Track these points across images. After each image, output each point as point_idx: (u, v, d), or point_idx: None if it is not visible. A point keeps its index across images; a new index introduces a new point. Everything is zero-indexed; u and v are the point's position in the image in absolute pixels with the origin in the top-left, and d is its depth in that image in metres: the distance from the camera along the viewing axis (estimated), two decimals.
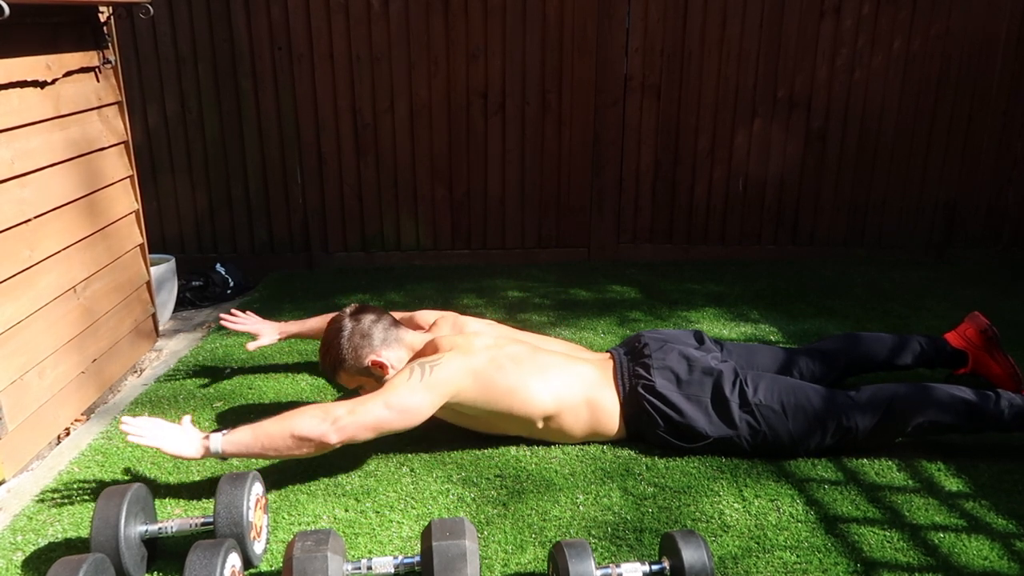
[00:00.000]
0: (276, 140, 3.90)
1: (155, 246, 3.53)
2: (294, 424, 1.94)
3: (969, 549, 1.79)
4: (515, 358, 2.17)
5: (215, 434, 1.94)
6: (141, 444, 1.91)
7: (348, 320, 2.26)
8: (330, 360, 2.27)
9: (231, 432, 1.95)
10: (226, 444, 1.93)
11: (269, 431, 1.94)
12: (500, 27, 3.81)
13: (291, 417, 1.95)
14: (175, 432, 1.96)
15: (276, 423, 1.95)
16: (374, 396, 2.02)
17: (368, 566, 1.64)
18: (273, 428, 1.94)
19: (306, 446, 1.94)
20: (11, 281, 2.18)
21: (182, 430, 1.97)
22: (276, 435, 1.93)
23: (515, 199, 4.05)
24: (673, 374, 2.19)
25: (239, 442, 1.94)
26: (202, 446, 1.93)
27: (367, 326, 2.25)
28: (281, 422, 1.95)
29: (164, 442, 1.92)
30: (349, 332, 2.24)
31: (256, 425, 1.96)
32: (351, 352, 2.23)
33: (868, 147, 3.96)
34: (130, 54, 3.70)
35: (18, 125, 2.23)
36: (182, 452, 1.93)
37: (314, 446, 1.95)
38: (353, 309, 2.31)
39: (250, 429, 1.95)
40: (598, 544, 1.83)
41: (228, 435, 1.94)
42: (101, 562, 1.57)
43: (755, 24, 3.81)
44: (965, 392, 2.12)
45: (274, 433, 1.94)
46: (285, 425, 1.94)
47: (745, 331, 3.10)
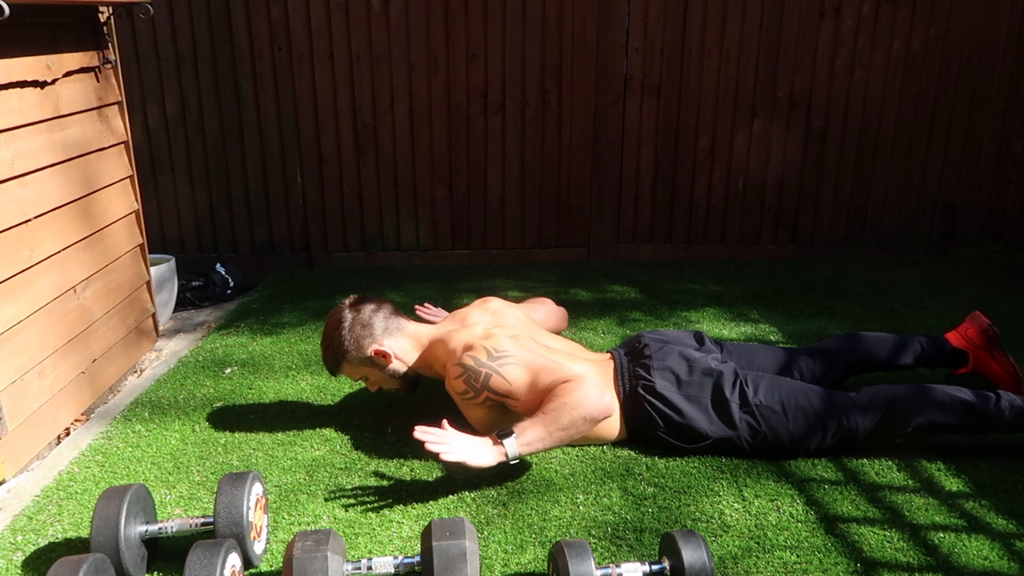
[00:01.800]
0: (276, 140, 3.90)
1: (155, 246, 3.53)
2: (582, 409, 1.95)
3: (969, 549, 1.79)
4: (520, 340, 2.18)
5: (507, 439, 1.93)
6: (448, 460, 1.89)
7: (348, 311, 2.25)
8: (332, 353, 2.26)
9: (521, 433, 1.94)
10: (522, 446, 1.93)
11: (562, 423, 1.94)
12: (500, 27, 3.81)
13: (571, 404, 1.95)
14: (474, 444, 1.94)
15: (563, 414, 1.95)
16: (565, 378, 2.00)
17: (368, 566, 1.64)
18: (565, 419, 1.95)
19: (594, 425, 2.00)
20: (11, 281, 2.18)
21: (473, 439, 1.96)
22: (570, 425, 1.95)
23: (515, 199, 4.05)
24: (673, 375, 2.18)
25: (532, 441, 1.94)
26: (499, 452, 1.92)
27: (367, 316, 2.24)
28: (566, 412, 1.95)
29: (470, 455, 1.90)
30: (350, 323, 2.23)
31: (541, 419, 1.95)
32: (353, 343, 2.22)
33: (868, 147, 3.96)
34: (130, 54, 3.70)
35: (18, 125, 2.23)
36: (484, 462, 1.91)
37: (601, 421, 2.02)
38: (352, 300, 2.30)
39: (541, 425, 1.95)
40: (598, 544, 1.83)
41: (521, 437, 1.93)
42: (101, 562, 1.57)
43: (755, 24, 3.81)
44: (965, 393, 2.11)
45: (567, 424, 1.95)
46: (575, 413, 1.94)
47: (745, 331, 3.10)
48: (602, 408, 1.98)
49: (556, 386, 1.99)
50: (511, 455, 1.92)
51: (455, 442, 1.92)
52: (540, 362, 2.08)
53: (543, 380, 2.03)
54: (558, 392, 1.98)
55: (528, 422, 1.97)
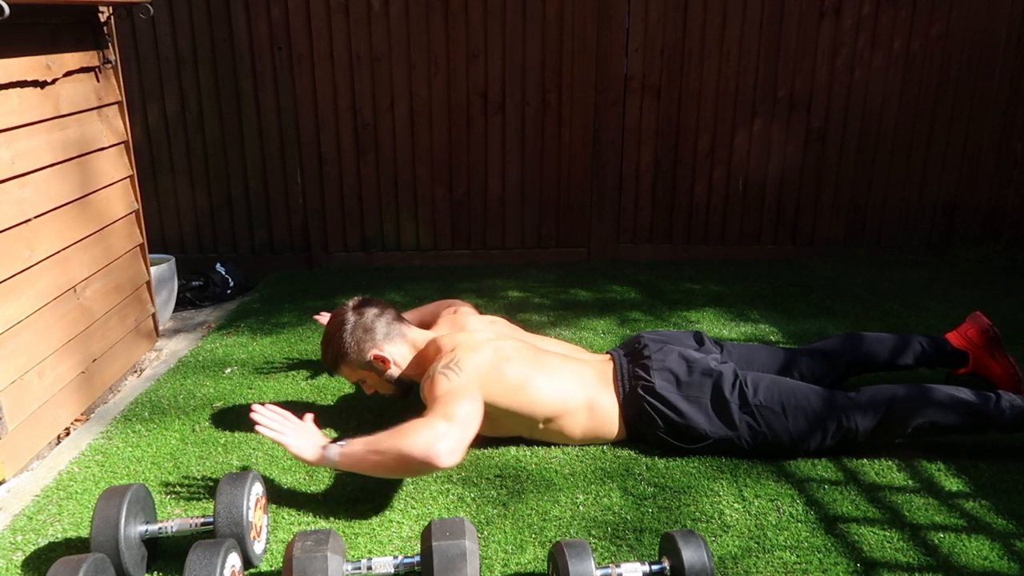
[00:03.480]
0: (276, 140, 3.90)
1: (155, 246, 3.54)
2: (403, 444, 1.84)
3: (969, 549, 1.79)
4: (517, 351, 2.17)
5: (332, 444, 1.91)
6: (267, 436, 1.89)
7: (351, 313, 2.25)
8: (332, 353, 2.26)
9: (348, 444, 1.91)
10: (341, 456, 1.89)
11: (380, 448, 1.87)
12: (500, 27, 3.81)
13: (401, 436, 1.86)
14: (300, 430, 1.94)
15: (388, 440, 1.87)
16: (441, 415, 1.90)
17: (368, 566, 1.64)
18: (384, 445, 1.87)
19: (413, 468, 1.87)
20: (11, 281, 2.18)
21: (306, 430, 1.95)
22: (386, 452, 1.86)
23: (515, 199, 4.05)
24: (673, 375, 2.18)
25: (351, 454, 1.89)
26: (320, 453, 1.90)
27: (370, 320, 2.24)
28: (391, 440, 1.86)
29: (289, 439, 1.90)
30: (352, 325, 2.23)
31: (370, 439, 1.90)
32: (354, 346, 2.22)
33: (868, 147, 3.96)
34: (130, 54, 3.70)
35: (18, 125, 2.23)
36: (302, 453, 1.90)
37: (422, 468, 1.86)
38: (356, 302, 2.29)
39: (364, 443, 1.90)
40: (598, 544, 1.83)
41: (344, 447, 1.90)
42: (101, 562, 1.57)
43: (755, 24, 3.81)
44: (965, 393, 2.11)
45: (384, 450, 1.86)
46: (394, 443, 1.85)
47: (745, 331, 3.10)
48: (424, 454, 1.80)
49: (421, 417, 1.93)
50: (329, 458, 1.89)
51: (283, 426, 1.92)
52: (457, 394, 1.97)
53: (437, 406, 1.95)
54: (405, 424, 1.91)
55: (361, 438, 1.92)
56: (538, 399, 2.13)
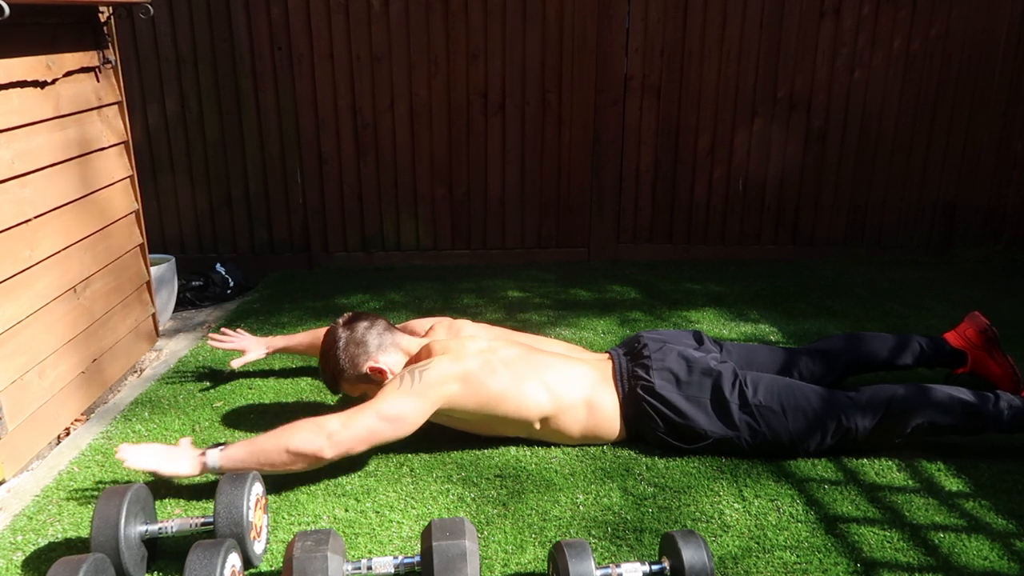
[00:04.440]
0: (276, 140, 3.90)
1: (155, 246, 3.53)
2: (289, 439, 1.94)
3: (969, 549, 1.79)
4: (509, 361, 2.17)
5: (212, 450, 1.95)
6: (135, 468, 1.91)
7: (342, 330, 2.26)
8: (329, 371, 2.28)
9: (228, 448, 1.95)
10: (223, 460, 1.93)
11: (264, 446, 1.94)
12: (500, 27, 3.81)
13: (286, 432, 1.96)
14: (168, 453, 1.96)
15: (271, 438, 1.96)
16: (366, 407, 2.02)
17: (368, 566, 1.64)
18: (268, 443, 1.95)
19: (301, 461, 1.95)
20: (11, 281, 2.18)
21: (176, 450, 1.98)
22: (271, 450, 1.93)
23: (515, 199, 4.05)
24: (672, 375, 2.19)
25: (235, 457, 1.93)
26: (199, 462, 1.94)
27: (361, 334, 2.25)
28: (276, 437, 1.95)
29: (158, 463, 1.93)
30: (344, 342, 2.24)
31: (252, 440, 1.97)
32: (348, 361, 2.23)
33: (868, 147, 3.96)
34: (130, 54, 3.70)
35: (18, 125, 2.23)
36: (179, 471, 1.94)
37: (309, 461, 1.95)
38: (346, 319, 2.31)
39: (246, 444, 1.96)
40: (598, 544, 1.83)
41: (225, 451, 1.94)
42: (101, 562, 1.57)
43: (755, 24, 3.81)
44: (964, 393, 2.11)
45: (269, 448, 1.94)
46: (280, 440, 1.94)
47: (745, 331, 3.10)
48: (310, 449, 1.92)
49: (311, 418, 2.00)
50: (211, 465, 1.92)
51: (139, 452, 1.93)
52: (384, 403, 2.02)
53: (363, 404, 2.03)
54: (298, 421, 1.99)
55: (240, 441, 1.97)
56: (528, 404, 2.14)
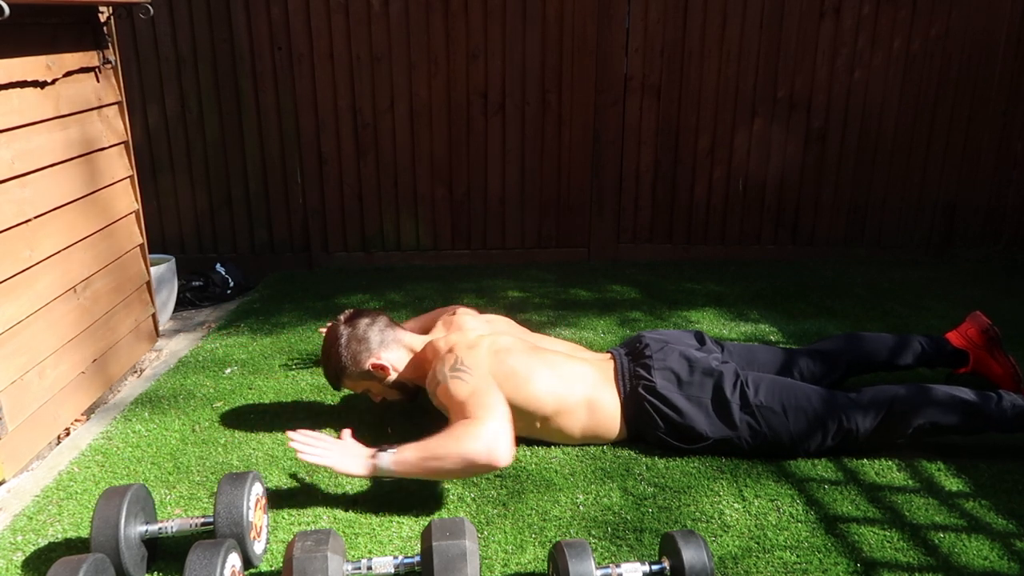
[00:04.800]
0: (276, 140, 3.90)
1: (155, 246, 3.53)
2: (462, 447, 1.86)
3: (969, 549, 1.79)
4: (514, 345, 2.18)
5: (383, 452, 1.90)
6: (310, 462, 1.88)
7: (343, 327, 2.26)
8: (331, 369, 2.28)
9: (399, 451, 1.90)
10: (395, 464, 1.89)
11: (437, 453, 1.88)
12: (500, 27, 3.81)
13: (457, 439, 1.88)
14: (342, 449, 1.93)
15: (443, 444, 1.88)
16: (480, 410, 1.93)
17: (368, 566, 1.64)
18: (442, 450, 1.88)
19: (474, 469, 1.89)
20: (11, 281, 2.18)
21: (349, 446, 1.95)
22: (445, 457, 1.87)
23: (515, 199, 4.05)
24: (674, 375, 2.18)
25: (406, 461, 1.89)
26: (371, 464, 1.90)
27: (362, 331, 2.25)
28: (448, 443, 1.88)
29: (334, 460, 1.89)
30: (346, 339, 2.24)
31: (422, 445, 1.90)
32: (350, 359, 2.23)
33: (868, 147, 3.96)
34: (130, 54, 3.70)
35: (18, 125, 2.23)
36: (351, 470, 1.90)
37: (482, 469, 1.89)
38: (347, 316, 2.30)
39: (417, 449, 1.90)
40: (598, 544, 1.83)
41: (397, 455, 1.89)
42: (101, 562, 1.57)
43: (755, 24, 3.81)
44: (966, 393, 2.11)
45: (443, 455, 1.87)
46: (452, 448, 1.87)
47: (745, 331, 3.10)
48: (487, 456, 1.85)
49: (466, 419, 1.93)
50: (381, 467, 1.89)
51: (321, 446, 1.91)
52: (483, 392, 1.99)
53: (469, 408, 1.96)
54: (456, 425, 1.92)
55: (413, 443, 1.92)
56: (538, 393, 2.13)
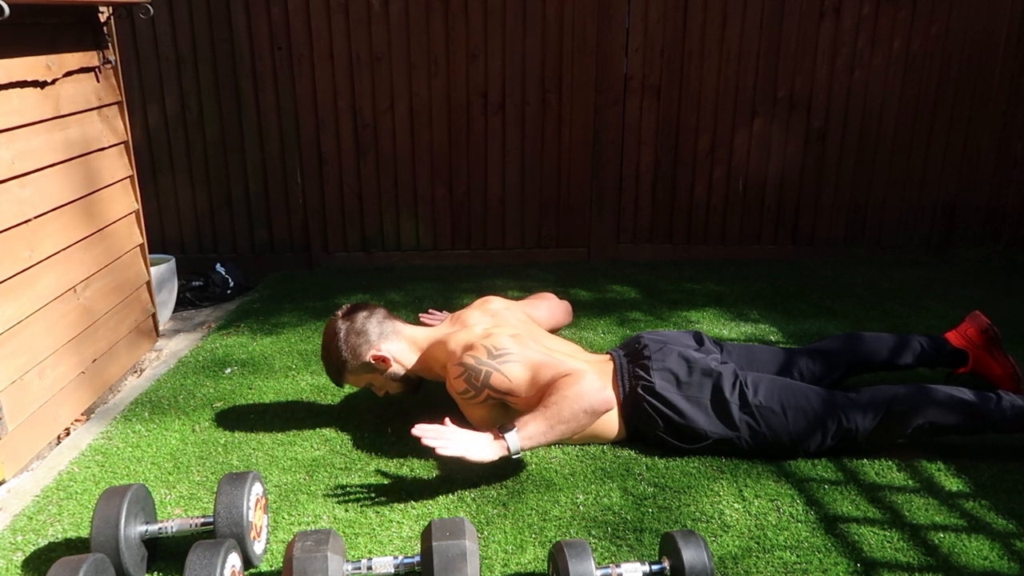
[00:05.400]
0: (276, 140, 3.90)
1: (155, 246, 3.53)
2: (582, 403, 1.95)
3: (969, 549, 1.79)
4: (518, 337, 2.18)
5: (508, 433, 1.94)
6: (446, 454, 1.89)
7: (341, 322, 2.27)
8: (332, 365, 2.28)
9: (523, 427, 1.95)
10: (524, 439, 1.94)
11: (563, 416, 1.95)
12: (500, 27, 3.81)
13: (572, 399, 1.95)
14: (472, 437, 1.95)
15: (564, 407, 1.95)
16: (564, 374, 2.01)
17: (368, 566, 1.64)
18: (566, 412, 1.95)
19: (596, 418, 2.01)
20: (11, 281, 2.18)
21: (474, 434, 1.97)
22: (570, 419, 1.96)
23: (515, 199, 4.05)
24: (673, 375, 2.19)
25: (533, 434, 1.95)
26: (502, 447, 1.93)
27: (360, 323, 2.25)
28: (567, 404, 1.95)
29: (469, 448, 1.92)
30: (345, 333, 2.24)
31: (542, 413, 1.96)
32: (350, 352, 2.23)
33: (868, 147, 3.96)
34: (130, 54, 3.70)
35: (18, 125, 2.23)
36: (485, 456, 1.92)
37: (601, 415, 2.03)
38: (345, 310, 2.31)
39: (538, 419, 1.96)
40: (598, 544, 1.83)
41: (522, 431, 1.94)
42: (101, 562, 1.57)
43: (755, 24, 3.81)
44: (965, 393, 2.11)
45: (568, 417, 1.96)
46: (575, 406, 1.95)
47: (745, 331, 3.10)
48: (603, 400, 1.99)
49: (556, 380, 2.00)
50: (513, 448, 1.93)
51: (454, 437, 1.93)
52: (539, 358, 2.09)
53: (543, 376, 2.04)
54: (558, 386, 1.98)
55: (529, 416, 1.97)
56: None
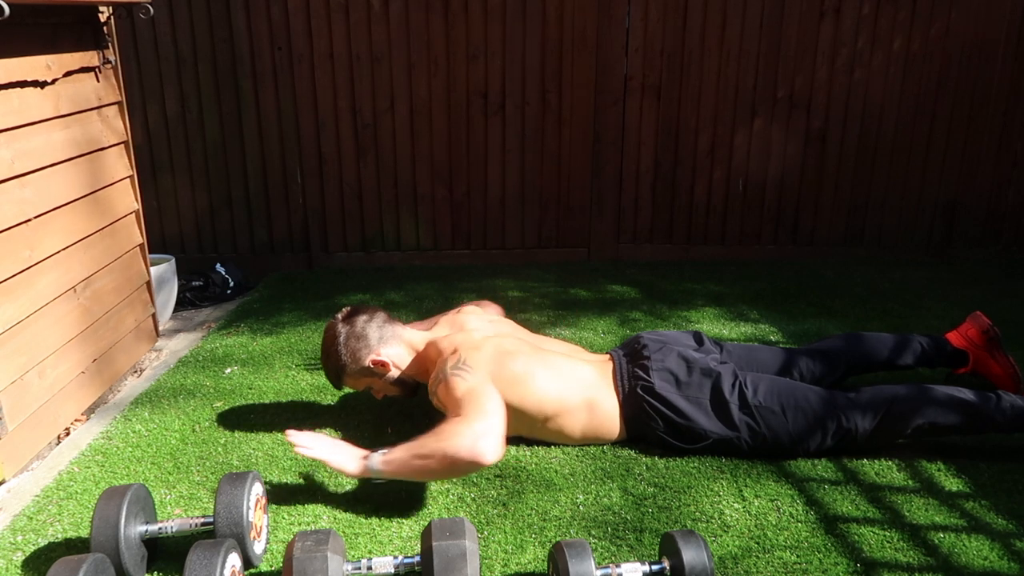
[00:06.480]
0: (276, 140, 3.90)
1: (155, 246, 3.53)
2: (447, 446, 1.86)
3: (969, 549, 1.79)
4: (518, 347, 2.19)
5: (374, 453, 1.92)
6: (309, 456, 1.91)
7: (341, 325, 2.27)
8: (332, 368, 2.28)
9: (389, 452, 1.92)
10: (384, 464, 1.90)
11: (424, 452, 1.88)
12: (500, 27, 3.81)
13: (443, 438, 1.88)
14: (339, 447, 1.96)
15: (431, 443, 1.88)
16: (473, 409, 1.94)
17: (368, 566, 1.64)
18: (428, 449, 1.88)
19: (460, 468, 1.89)
20: (11, 281, 2.18)
21: (344, 446, 1.98)
22: (431, 456, 1.87)
23: (515, 199, 4.05)
24: (672, 375, 2.19)
25: (395, 461, 1.90)
26: (362, 464, 1.92)
27: (360, 327, 2.25)
28: (435, 443, 1.88)
29: (331, 456, 1.93)
30: (344, 337, 2.24)
31: (411, 446, 1.91)
32: (350, 356, 2.23)
33: (868, 147, 3.96)
34: (130, 54, 3.70)
35: (18, 125, 2.23)
36: (345, 467, 1.92)
37: (469, 468, 1.88)
38: (345, 313, 2.31)
39: (406, 449, 1.91)
40: (598, 544, 1.83)
41: (387, 455, 1.91)
42: (101, 562, 1.57)
43: (755, 24, 3.81)
44: (965, 393, 2.11)
45: (428, 455, 1.87)
46: (439, 446, 1.87)
47: (745, 331, 3.10)
48: (470, 454, 1.83)
49: (457, 417, 1.94)
50: (371, 467, 1.90)
51: (320, 444, 1.94)
52: (478, 392, 1.99)
53: (462, 407, 1.97)
54: (445, 423, 1.93)
55: (401, 444, 1.93)
56: (539, 395, 2.13)
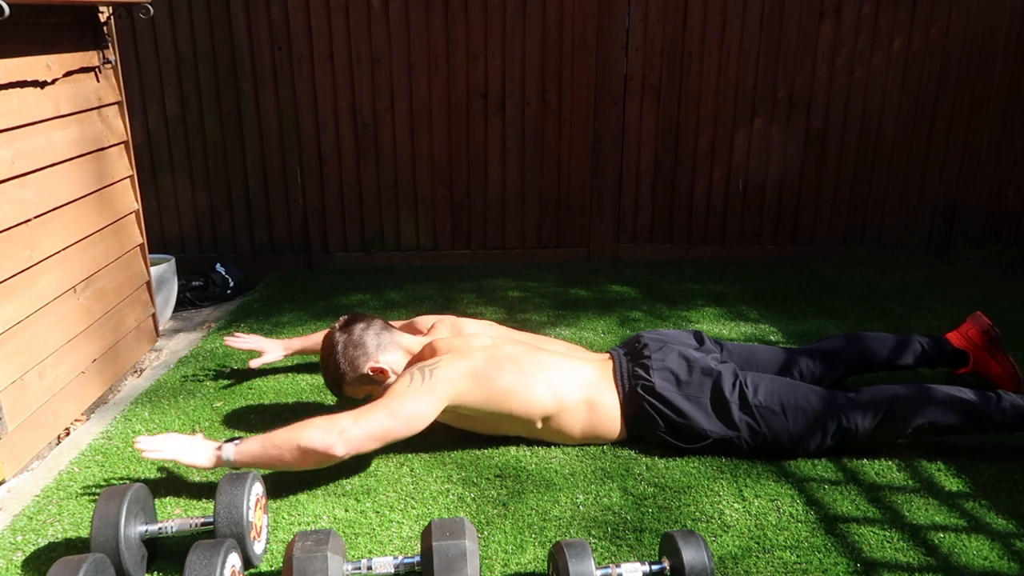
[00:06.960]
0: (276, 140, 3.90)
1: (155, 246, 3.53)
2: (300, 436, 1.93)
3: (969, 549, 1.79)
4: (513, 358, 2.17)
5: (228, 444, 1.96)
6: (158, 459, 1.94)
7: (339, 334, 2.27)
8: (331, 376, 2.29)
9: (243, 442, 1.96)
10: (237, 454, 1.94)
11: (277, 442, 1.94)
12: (500, 27, 3.81)
13: (298, 429, 1.95)
14: (189, 443, 1.98)
15: (284, 434, 1.95)
16: (377, 405, 2.02)
17: (368, 566, 1.64)
18: (281, 439, 1.94)
19: (312, 458, 1.94)
20: (11, 281, 2.18)
21: (195, 441, 1.99)
22: (283, 446, 1.93)
23: (515, 199, 4.05)
24: (672, 375, 2.19)
25: (248, 451, 1.94)
26: (215, 455, 1.95)
27: (358, 335, 2.25)
28: (289, 433, 1.95)
29: (180, 454, 1.95)
30: (343, 345, 2.24)
31: (266, 436, 1.97)
32: (348, 364, 2.23)
33: (868, 147, 3.96)
34: (130, 54, 3.70)
35: (18, 125, 2.23)
36: (197, 462, 1.95)
37: (320, 459, 1.94)
38: (342, 322, 2.31)
39: (260, 440, 1.96)
40: (598, 544, 1.83)
41: (240, 445, 1.95)
42: (101, 562, 1.57)
43: (755, 24, 3.81)
44: (966, 393, 2.11)
45: (281, 444, 1.93)
46: (292, 437, 1.93)
47: (745, 331, 3.10)
48: (322, 445, 1.90)
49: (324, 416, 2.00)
50: (225, 458, 1.93)
51: (168, 445, 1.96)
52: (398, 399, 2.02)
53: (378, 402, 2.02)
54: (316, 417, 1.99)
55: (254, 436, 1.99)
56: (533, 401, 2.14)
